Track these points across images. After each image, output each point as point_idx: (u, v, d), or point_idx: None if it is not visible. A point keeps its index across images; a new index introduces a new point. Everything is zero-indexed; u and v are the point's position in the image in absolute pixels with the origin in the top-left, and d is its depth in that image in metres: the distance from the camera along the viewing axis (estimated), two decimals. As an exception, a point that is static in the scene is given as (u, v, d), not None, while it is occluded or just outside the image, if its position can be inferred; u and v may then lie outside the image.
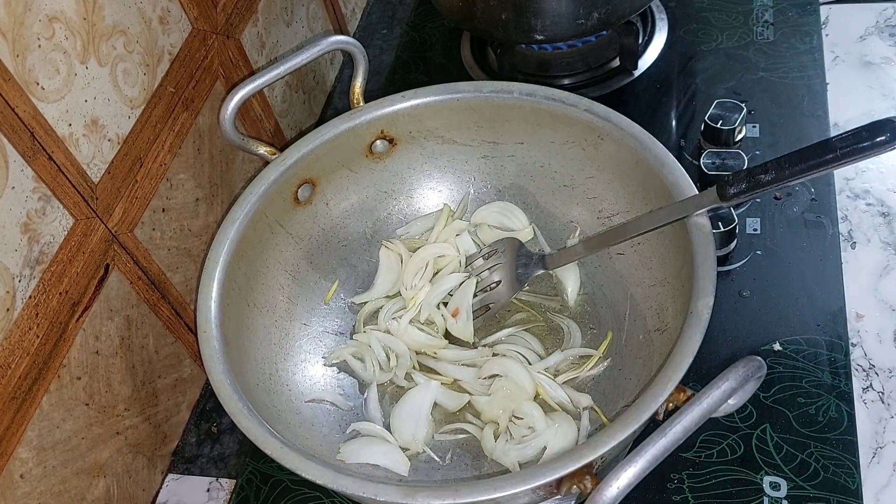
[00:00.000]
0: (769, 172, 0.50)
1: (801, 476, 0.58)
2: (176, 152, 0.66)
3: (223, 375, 0.54)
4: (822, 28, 0.86)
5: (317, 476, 0.48)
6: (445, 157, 0.72)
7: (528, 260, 0.67)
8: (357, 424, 0.62)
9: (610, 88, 0.85)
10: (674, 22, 0.90)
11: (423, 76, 0.93)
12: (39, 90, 0.51)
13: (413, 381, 0.64)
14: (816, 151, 0.49)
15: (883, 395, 0.62)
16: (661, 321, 0.59)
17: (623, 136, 0.62)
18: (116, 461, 0.62)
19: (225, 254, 0.60)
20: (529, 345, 0.65)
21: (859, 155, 0.47)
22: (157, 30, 0.63)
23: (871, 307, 0.66)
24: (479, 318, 0.67)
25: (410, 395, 0.63)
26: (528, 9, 0.76)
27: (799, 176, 0.49)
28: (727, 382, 0.45)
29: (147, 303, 0.64)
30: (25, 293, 0.52)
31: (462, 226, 0.71)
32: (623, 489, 0.42)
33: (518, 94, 0.66)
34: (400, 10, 1.04)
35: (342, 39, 0.67)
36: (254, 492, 0.64)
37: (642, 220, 0.59)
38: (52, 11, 0.52)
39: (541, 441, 0.58)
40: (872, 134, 0.46)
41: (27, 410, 0.52)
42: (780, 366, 0.63)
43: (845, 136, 0.48)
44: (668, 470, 0.60)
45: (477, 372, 0.63)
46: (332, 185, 0.70)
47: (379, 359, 0.66)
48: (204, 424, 0.71)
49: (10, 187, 0.50)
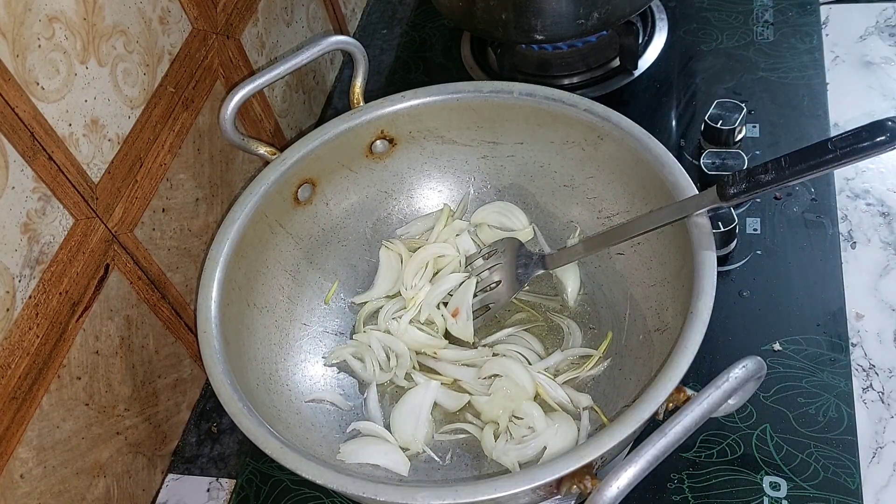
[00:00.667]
0: (769, 172, 0.50)
1: (801, 476, 0.58)
2: (176, 152, 0.66)
3: (223, 375, 0.54)
4: (822, 28, 0.86)
5: (317, 476, 0.48)
6: (445, 157, 0.72)
7: (528, 260, 0.67)
8: (357, 424, 0.62)
9: (610, 88, 0.85)
10: (674, 22, 0.90)
11: (423, 76, 0.93)
12: (39, 90, 0.51)
13: (413, 382, 0.64)
14: (816, 151, 0.49)
15: (883, 395, 0.62)
16: (661, 321, 0.59)
17: (623, 136, 0.62)
18: (116, 461, 0.62)
19: (225, 254, 0.60)
20: (529, 345, 0.65)
21: (859, 155, 0.47)
22: (157, 30, 0.63)
23: (871, 307, 0.66)
24: (479, 318, 0.67)
25: (410, 394, 0.63)
26: (528, 9, 0.76)
27: (799, 176, 0.49)
28: (727, 382, 0.45)
29: (147, 303, 0.64)
30: (25, 293, 0.52)
31: (462, 226, 0.71)
32: (623, 489, 0.42)
33: (518, 94, 0.66)
34: (400, 10, 1.04)
35: (342, 39, 0.67)
36: (254, 492, 0.64)
37: (642, 220, 0.59)
38: (52, 11, 0.52)
39: (541, 441, 0.58)
40: (872, 134, 0.47)
41: (27, 410, 0.52)
42: (780, 366, 0.63)
43: (845, 136, 0.48)
44: (668, 470, 0.60)
45: (477, 372, 0.63)
46: (332, 185, 0.70)
47: (379, 359, 0.66)
48: (204, 424, 0.71)
49: (10, 187, 0.50)
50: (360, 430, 0.62)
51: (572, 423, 0.59)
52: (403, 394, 0.63)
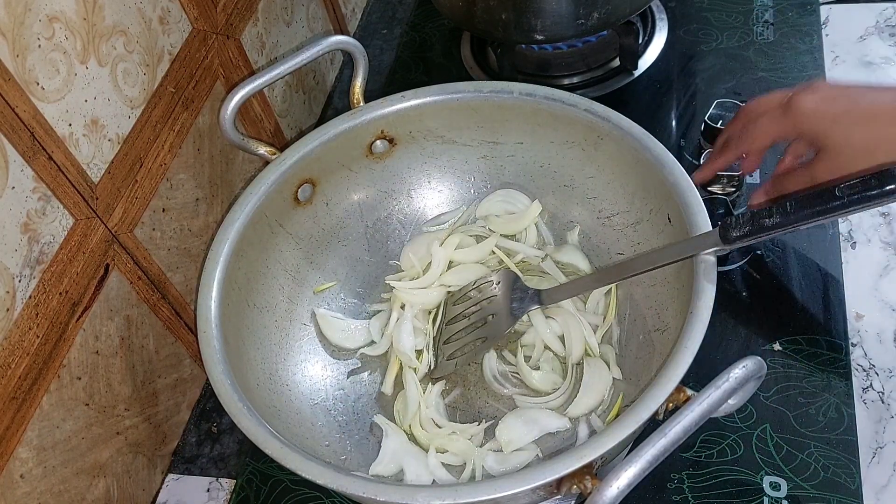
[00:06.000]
0: (773, 217, 0.49)
1: (801, 476, 0.58)
2: (176, 152, 0.66)
3: (223, 375, 0.54)
4: (822, 28, 0.86)
5: (317, 476, 0.48)
6: (445, 157, 0.72)
7: (524, 294, 0.65)
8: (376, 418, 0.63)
9: (610, 88, 0.85)
10: (674, 22, 0.90)
11: (423, 76, 0.93)
12: (39, 90, 0.51)
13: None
14: (823, 198, 0.48)
15: (883, 395, 0.62)
16: (661, 321, 0.59)
17: (623, 136, 0.62)
18: (116, 461, 0.62)
19: (225, 254, 0.60)
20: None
21: (867, 203, 0.46)
22: (157, 30, 0.63)
23: (871, 307, 0.66)
24: (471, 352, 0.65)
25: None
26: (528, 9, 0.76)
27: (804, 222, 0.48)
28: (727, 382, 0.45)
29: (147, 303, 0.64)
30: (25, 293, 0.52)
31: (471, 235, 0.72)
32: (623, 489, 0.42)
33: (518, 94, 0.66)
34: (400, 10, 1.04)
35: (342, 39, 0.67)
36: (254, 492, 0.64)
37: (638, 262, 0.58)
38: (52, 11, 0.52)
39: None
40: (881, 182, 0.45)
41: (27, 410, 0.52)
42: (780, 366, 0.63)
43: (853, 184, 0.46)
44: (668, 470, 0.60)
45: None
46: (332, 185, 0.70)
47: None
48: (204, 424, 0.71)
49: (10, 187, 0.50)
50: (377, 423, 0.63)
51: (605, 367, 0.62)
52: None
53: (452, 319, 0.67)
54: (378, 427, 0.63)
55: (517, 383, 0.64)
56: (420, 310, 0.68)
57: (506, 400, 0.64)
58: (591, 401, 0.61)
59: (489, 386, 0.64)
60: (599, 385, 0.61)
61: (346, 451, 0.62)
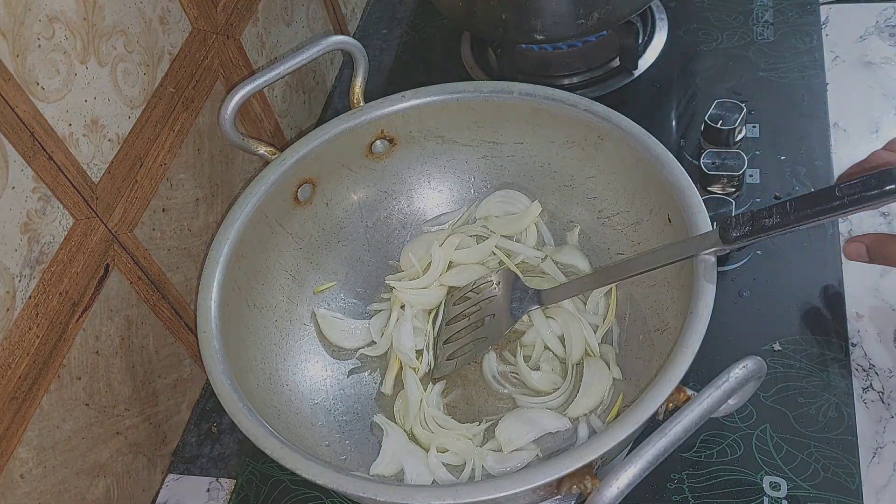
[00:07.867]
0: (773, 217, 0.49)
1: (801, 476, 0.58)
2: (176, 152, 0.66)
3: (223, 375, 0.54)
4: (822, 28, 0.86)
5: (317, 476, 0.48)
6: (445, 157, 0.72)
7: (524, 294, 0.65)
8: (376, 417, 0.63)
9: (610, 88, 0.85)
10: (674, 22, 0.90)
11: (423, 76, 0.93)
12: (39, 90, 0.51)
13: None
14: (823, 198, 0.48)
15: (883, 395, 0.62)
16: (661, 321, 0.59)
17: (623, 136, 0.62)
18: (116, 461, 0.62)
19: (225, 254, 0.60)
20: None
21: (867, 203, 0.46)
22: (157, 30, 0.63)
23: (871, 307, 0.66)
24: (471, 352, 0.65)
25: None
26: (528, 9, 0.76)
27: (804, 222, 0.48)
28: (727, 382, 0.45)
29: (147, 303, 0.64)
30: (25, 293, 0.52)
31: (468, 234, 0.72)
32: (623, 489, 0.42)
33: (518, 94, 0.66)
34: (400, 10, 1.04)
35: (342, 39, 0.67)
36: (254, 492, 0.64)
37: (637, 262, 0.58)
38: (52, 11, 0.52)
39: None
40: (881, 182, 0.45)
41: (27, 410, 0.52)
42: (780, 366, 0.63)
43: (853, 184, 0.46)
44: (668, 470, 0.60)
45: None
46: (332, 185, 0.70)
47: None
48: (204, 424, 0.71)
49: (10, 187, 0.50)
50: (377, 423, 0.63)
51: (605, 367, 0.62)
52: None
53: (452, 319, 0.67)
54: (378, 427, 0.63)
55: (517, 383, 0.64)
56: (420, 310, 0.69)
57: (506, 400, 0.64)
58: (591, 401, 0.61)
59: (489, 386, 0.65)
60: (599, 385, 0.61)
61: (346, 451, 0.62)
